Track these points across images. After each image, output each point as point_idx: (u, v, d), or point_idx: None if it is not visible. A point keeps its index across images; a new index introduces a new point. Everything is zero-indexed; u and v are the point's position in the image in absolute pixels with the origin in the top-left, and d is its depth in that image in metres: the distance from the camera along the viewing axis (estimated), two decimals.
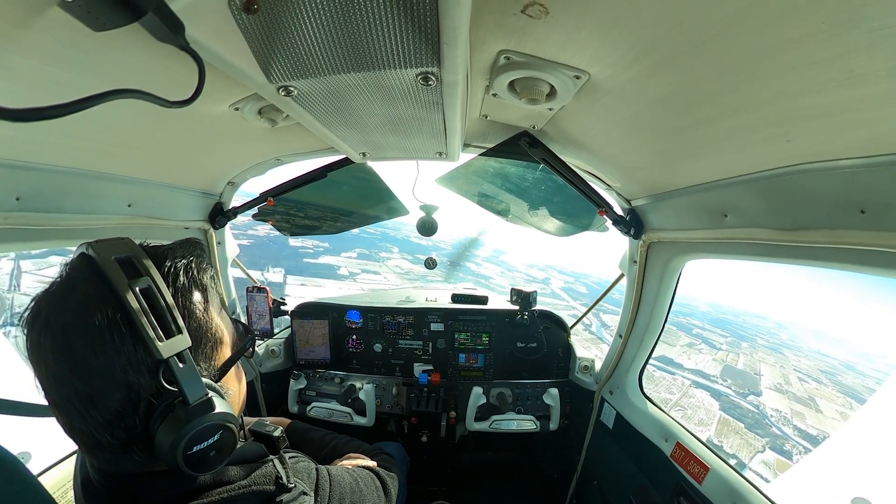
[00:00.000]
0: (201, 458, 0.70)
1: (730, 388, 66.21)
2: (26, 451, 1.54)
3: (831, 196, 1.03)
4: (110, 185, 1.50)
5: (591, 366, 2.66)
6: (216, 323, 0.78)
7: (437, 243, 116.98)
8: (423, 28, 0.73)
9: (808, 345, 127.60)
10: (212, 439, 0.70)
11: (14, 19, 0.63)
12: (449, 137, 1.34)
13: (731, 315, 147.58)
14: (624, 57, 0.90)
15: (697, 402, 57.08)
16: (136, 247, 0.70)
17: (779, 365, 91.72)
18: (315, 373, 2.84)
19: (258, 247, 61.49)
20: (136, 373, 0.63)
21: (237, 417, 0.75)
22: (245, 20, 0.71)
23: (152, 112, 0.79)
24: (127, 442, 0.66)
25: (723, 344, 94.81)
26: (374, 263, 79.00)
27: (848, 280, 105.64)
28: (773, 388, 76.05)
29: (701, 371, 69.84)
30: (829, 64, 0.69)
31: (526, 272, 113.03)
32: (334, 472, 1.03)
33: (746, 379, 73.86)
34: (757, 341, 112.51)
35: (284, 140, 1.77)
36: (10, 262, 32.09)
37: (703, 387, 62.82)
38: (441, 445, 2.91)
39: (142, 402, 0.65)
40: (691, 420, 50.00)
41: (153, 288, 0.66)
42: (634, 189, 1.84)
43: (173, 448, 0.65)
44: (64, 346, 0.61)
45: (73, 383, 0.62)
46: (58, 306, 0.63)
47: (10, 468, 0.91)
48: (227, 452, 0.75)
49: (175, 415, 0.66)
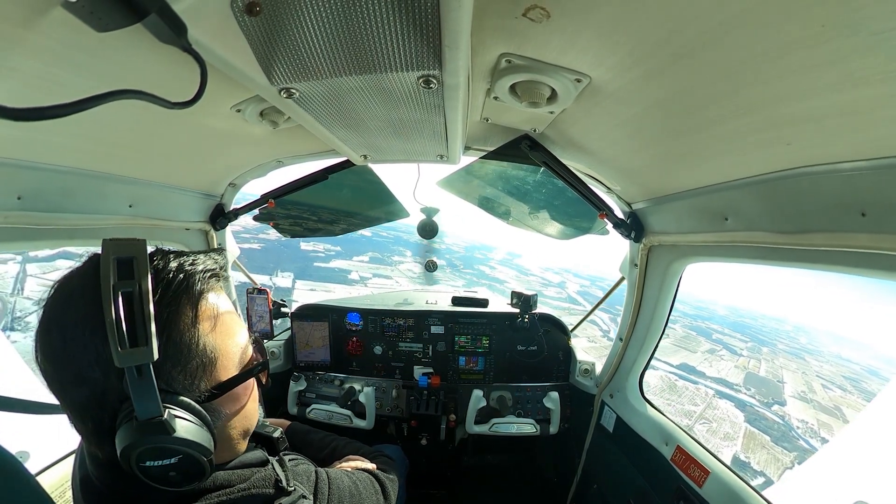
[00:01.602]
0: (160, 475, 0.68)
1: (753, 397, 64.59)
2: (24, 450, 1.54)
3: (832, 199, 1.03)
4: (112, 185, 1.50)
5: (591, 369, 2.66)
6: (208, 342, 0.73)
7: (449, 246, 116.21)
8: (425, 31, 0.73)
9: (829, 349, 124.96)
10: (168, 461, 0.67)
11: (17, 19, 0.64)
12: (450, 140, 1.35)
13: (749, 318, 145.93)
14: (625, 60, 0.90)
15: (722, 413, 55.50)
16: (144, 250, 0.67)
17: (801, 371, 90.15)
18: (315, 375, 2.83)
19: (268, 251, 61.01)
20: (103, 373, 0.64)
21: (208, 447, 0.70)
22: (247, 22, 0.71)
23: (154, 113, 0.79)
24: (96, 432, 0.68)
25: (743, 349, 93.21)
26: (386, 267, 78.40)
27: (859, 280, 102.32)
28: (798, 396, 74.35)
29: (724, 379, 68.21)
30: (830, 67, 0.69)
31: (542, 276, 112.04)
32: (333, 475, 1.03)
33: (770, 387, 72.09)
34: (777, 346, 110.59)
35: (286, 142, 1.78)
36: (16, 265, 32.17)
37: (726, 396, 61.32)
38: (441, 448, 2.90)
39: (108, 401, 0.66)
40: (717, 434, 48.14)
41: (137, 294, 0.64)
42: (635, 192, 1.84)
43: (125, 457, 0.65)
44: (51, 325, 0.65)
45: (51, 366, 0.65)
46: (55, 293, 0.68)
47: (9, 467, 0.91)
48: (195, 478, 0.71)
49: (129, 425, 0.64)
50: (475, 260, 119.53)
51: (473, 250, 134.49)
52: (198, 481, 0.72)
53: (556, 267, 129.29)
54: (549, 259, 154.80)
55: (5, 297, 28.65)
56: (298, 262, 63.25)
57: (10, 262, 32.47)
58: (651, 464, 1.98)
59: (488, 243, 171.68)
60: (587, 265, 43.89)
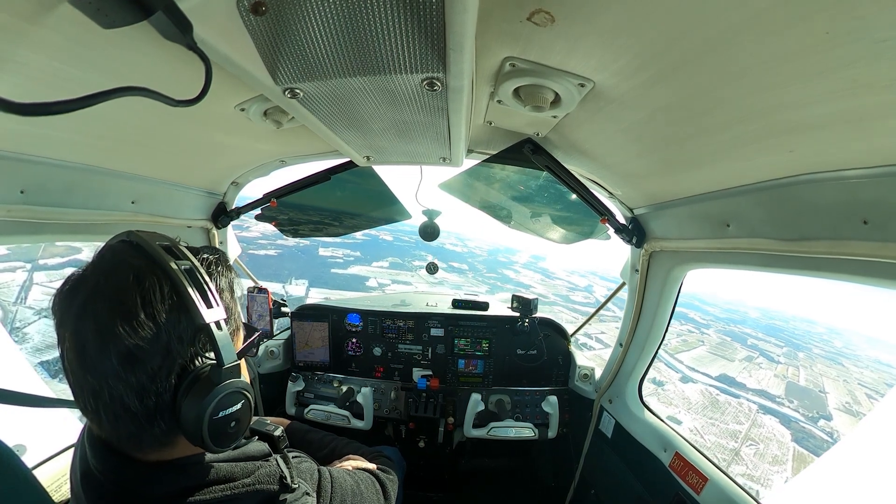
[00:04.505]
0: (222, 428, 0.72)
1: (797, 410, 61.80)
2: (21, 443, 1.54)
3: (834, 206, 1.03)
4: (115, 181, 1.51)
5: (590, 374, 2.65)
6: (238, 312, 0.87)
7: (471, 250, 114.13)
8: (430, 34, 0.74)
9: (865, 353, 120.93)
10: (235, 407, 0.74)
11: (24, 14, 0.64)
12: (453, 143, 1.35)
13: (780, 321, 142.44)
14: (629, 66, 0.90)
15: (768, 432, 51.72)
16: (173, 240, 0.77)
17: (842, 379, 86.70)
18: (314, 375, 2.83)
19: (285, 257, 59.61)
20: (178, 339, 0.68)
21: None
22: (253, 21, 0.72)
23: (158, 110, 0.79)
24: (154, 409, 0.68)
25: (780, 355, 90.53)
26: (405, 273, 77.48)
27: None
28: (842, 408, 70.93)
29: (765, 391, 65.30)
30: (833, 74, 0.69)
31: (567, 279, 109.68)
32: (336, 474, 1.03)
33: (812, 398, 68.94)
34: (812, 350, 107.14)
35: (289, 142, 1.78)
36: (24, 273, 32.24)
37: (770, 411, 58.25)
38: (438, 451, 2.89)
39: (176, 367, 0.69)
40: (764, 457, 43.50)
41: (194, 269, 0.72)
42: (637, 197, 1.84)
43: (202, 410, 0.69)
44: (116, 306, 0.64)
45: (118, 343, 0.64)
46: (110, 274, 0.68)
47: (5, 461, 0.91)
48: (242, 428, 0.78)
49: (207, 378, 0.70)
50: (498, 263, 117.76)
51: (496, 253, 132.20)
52: (241, 436, 0.79)
53: (581, 270, 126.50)
54: (574, 261, 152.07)
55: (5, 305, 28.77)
56: (315, 269, 62.02)
57: (19, 270, 32.49)
58: (649, 470, 1.97)
59: (511, 246, 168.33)
60: (614, 267, 43.38)
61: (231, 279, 0.85)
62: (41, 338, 25.09)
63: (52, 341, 0.69)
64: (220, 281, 0.81)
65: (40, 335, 25.55)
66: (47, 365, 19.91)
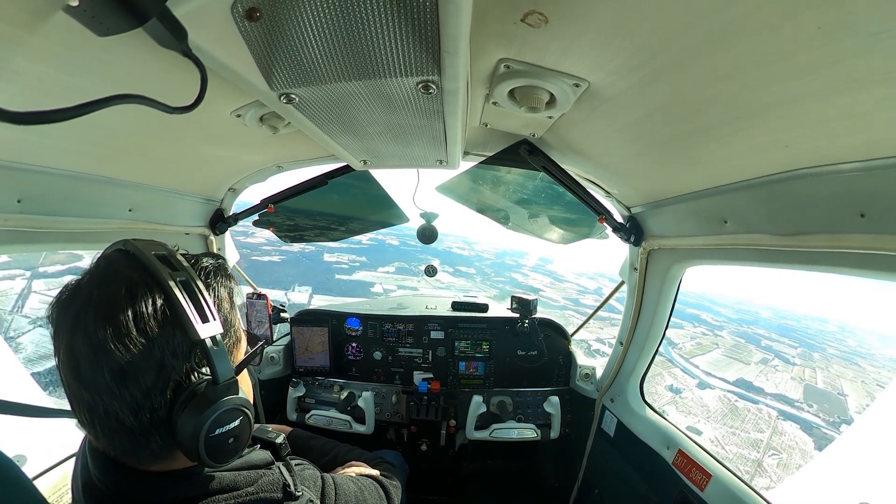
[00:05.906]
0: (220, 444, 0.71)
1: (818, 415, 59.46)
2: (22, 454, 1.53)
3: (831, 200, 1.03)
4: (112, 189, 1.51)
5: (591, 374, 2.65)
6: (238, 322, 0.85)
7: (479, 253, 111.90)
8: (424, 36, 0.74)
9: (880, 352, 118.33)
10: (233, 423, 0.72)
11: (19, 23, 0.64)
12: (449, 146, 1.35)
13: (792, 320, 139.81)
14: (623, 65, 0.91)
15: (790, 440, 49.14)
16: (171, 248, 0.76)
17: (860, 380, 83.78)
18: (314, 380, 2.82)
19: (289, 263, 58.34)
20: (171, 355, 0.67)
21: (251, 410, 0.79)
22: (248, 27, 0.72)
23: (155, 118, 0.80)
24: (149, 425, 0.67)
25: (795, 356, 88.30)
26: (412, 278, 75.51)
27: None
28: (863, 411, 68.71)
29: (783, 395, 63.14)
30: (827, 69, 0.70)
31: (576, 282, 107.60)
32: (339, 481, 1.03)
33: (832, 402, 66.80)
34: (827, 350, 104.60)
35: (285, 147, 1.78)
36: (23, 280, 32.03)
37: (790, 417, 56.01)
38: (441, 454, 2.88)
39: (170, 383, 0.67)
40: (788, 468, 41.48)
41: (190, 281, 0.70)
42: (634, 196, 1.84)
43: (198, 428, 0.67)
44: (107, 320, 0.63)
45: (110, 357, 0.62)
46: (103, 285, 0.66)
47: (6, 471, 0.90)
48: (242, 444, 0.77)
49: (203, 395, 0.69)
50: (506, 267, 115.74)
51: (504, 256, 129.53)
52: (242, 450, 0.78)
53: (589, 272, 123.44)
54: (582, 263, 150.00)
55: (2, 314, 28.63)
56: (319, 276, 61.02)
57: (18, 278, 32.26)
58: (652, 468, 1.97)
59: (519, 249, 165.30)
60: (617, 268, 42.37)
61: (231, 288, 0.83)
62: (35, 348, 24.80)
63: (49, 351, 0.68)
64: (219, 291, 0.79)
65: (34, 345, 25.27)
66: (43, 375, 19.76)
